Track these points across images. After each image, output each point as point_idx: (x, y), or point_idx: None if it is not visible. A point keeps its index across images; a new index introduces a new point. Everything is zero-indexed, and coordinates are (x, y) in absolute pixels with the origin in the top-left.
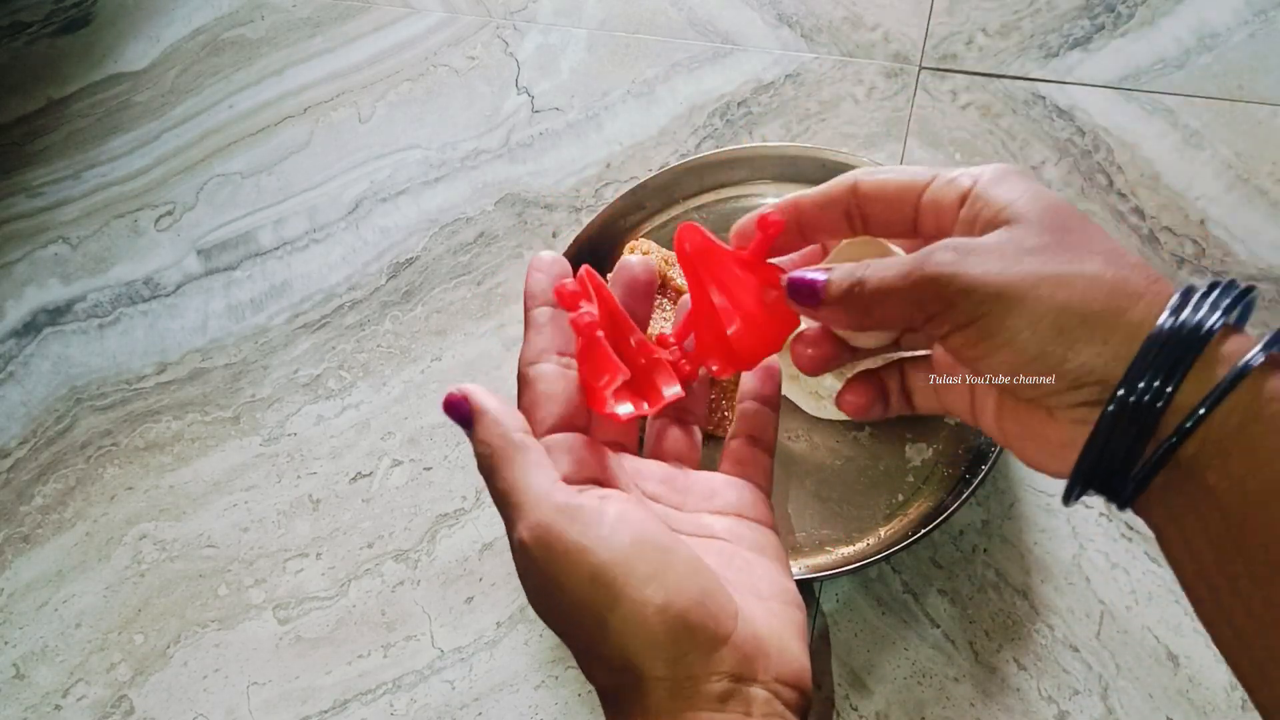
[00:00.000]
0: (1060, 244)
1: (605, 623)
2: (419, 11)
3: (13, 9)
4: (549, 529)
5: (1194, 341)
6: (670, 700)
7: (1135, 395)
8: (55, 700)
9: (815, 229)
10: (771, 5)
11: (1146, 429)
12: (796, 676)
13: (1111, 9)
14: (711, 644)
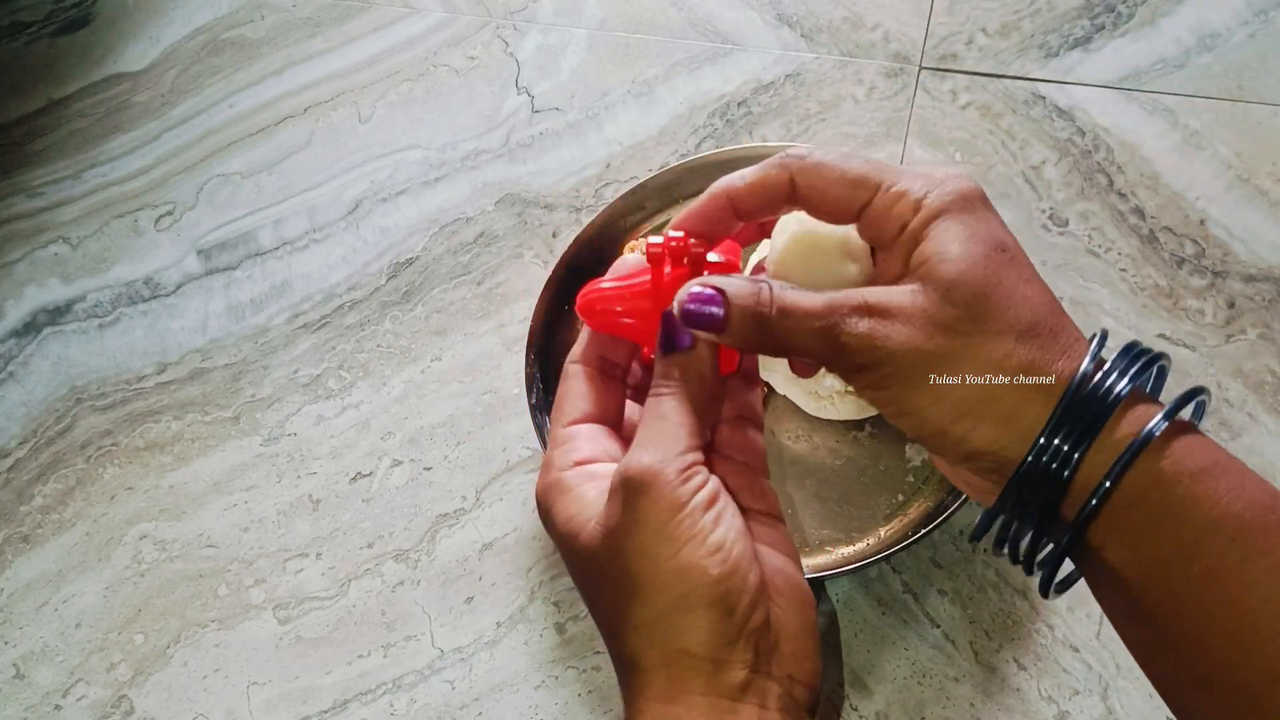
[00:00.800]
0: (974, 317)
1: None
2: (419, 11)
3: (13, 9)
4: (668, 480)
5: (1097, 417)
6: (689, 679)
7: (1036, 473)
8: (55, 700)
9: (751, 212)
10: (771, 5)
11: (1051, 508)
12: (808, 674)
13: (1111, 9)
14: (737, 624)
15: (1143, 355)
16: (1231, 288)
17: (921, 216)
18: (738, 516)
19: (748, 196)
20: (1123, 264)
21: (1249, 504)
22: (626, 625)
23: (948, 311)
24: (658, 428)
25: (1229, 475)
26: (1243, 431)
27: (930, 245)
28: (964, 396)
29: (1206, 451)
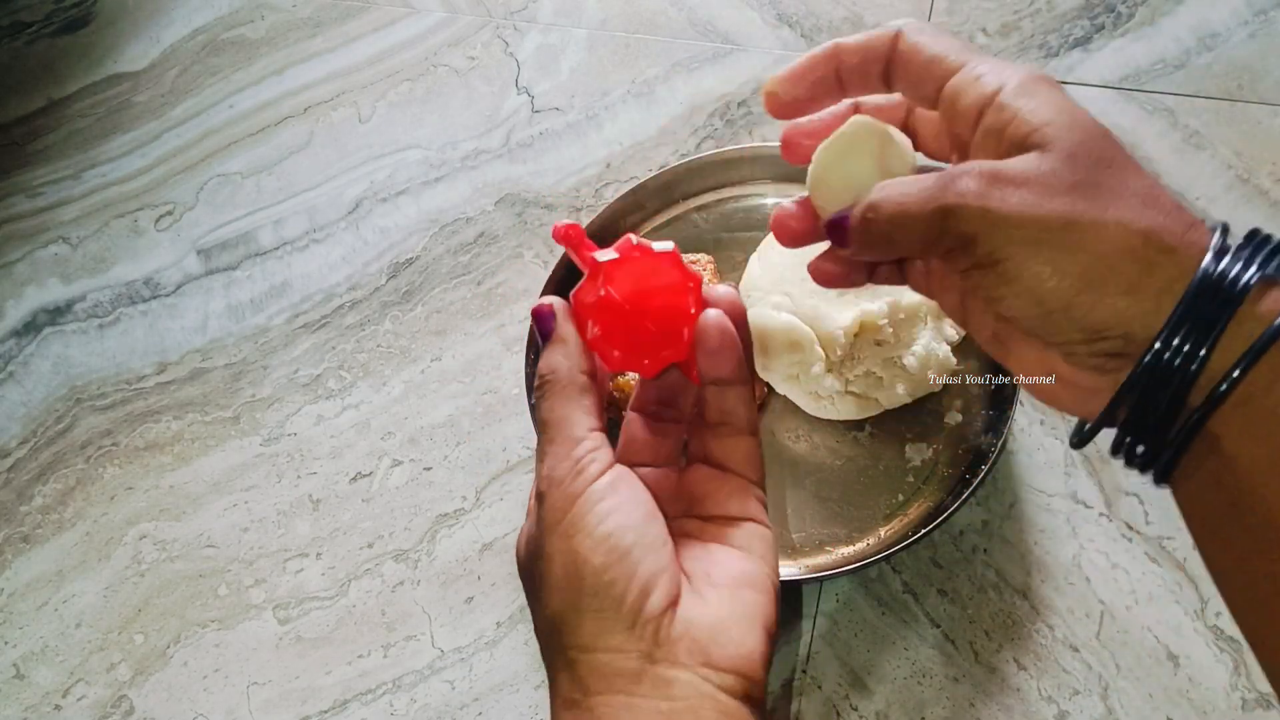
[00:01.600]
0: (1095, 182)
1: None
2: (419, 11)
3: (13, 9)
4: (562, 479)
5: (1228, 300)
6: (586, 677)
7: (1166, 357)
8: (55, 700)
9: (851, 80)
10: (771, 5)
11: (1179, 394)
12: (736, 662)
13: (1111, 9)
14: (629, 614)
15: (1272, 239)
16: None
17: (1009, 90)
18: (638, 506)
19: (853, 54)
20: None
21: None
22: (542, 632)
23: (1069, 174)
24: (549, 433)
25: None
26: None
27: (1034, 114)
28: (1091, 263)
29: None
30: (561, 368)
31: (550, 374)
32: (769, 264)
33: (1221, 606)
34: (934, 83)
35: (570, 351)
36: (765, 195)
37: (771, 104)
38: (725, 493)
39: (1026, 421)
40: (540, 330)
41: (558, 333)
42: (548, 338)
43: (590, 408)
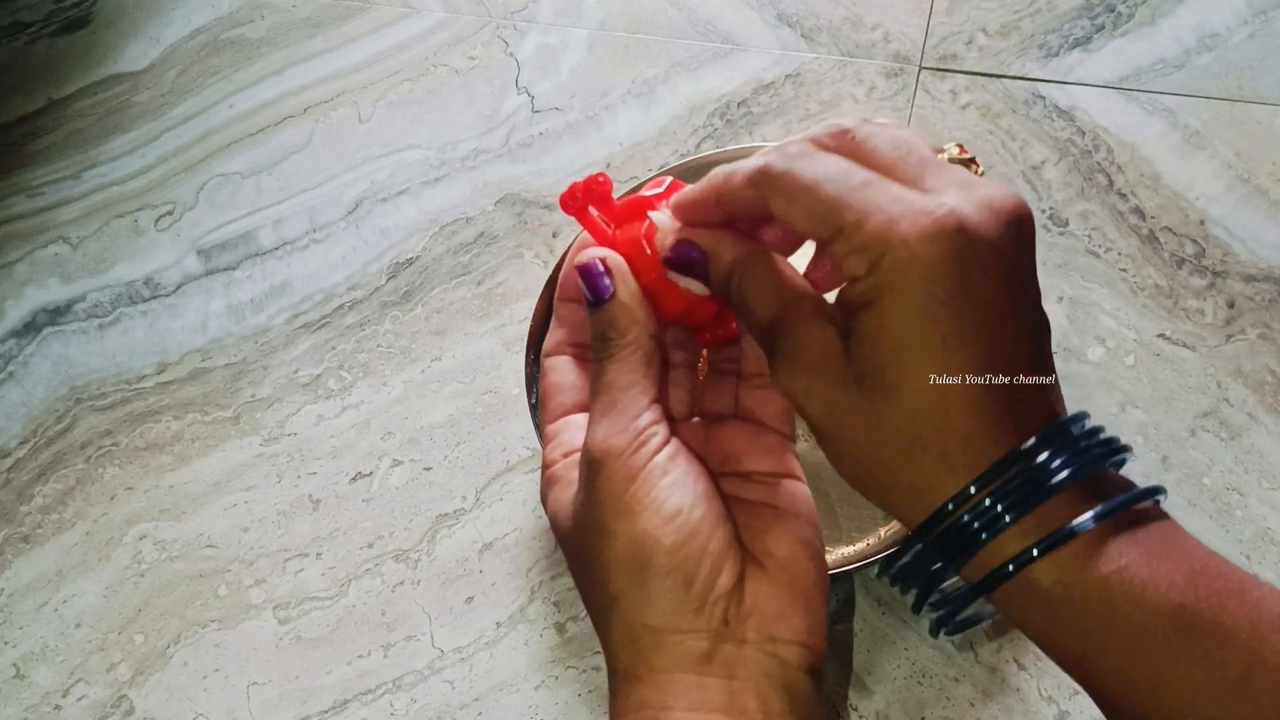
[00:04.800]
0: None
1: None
2: (419, 11)
3: (13, 9)
4: (621, 451)
5: (1027, 497)
6: (653, 655)
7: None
8: (55, 700)
9: (738, 220)
10: (771, 5)
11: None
12: (801, 635)
13: (1111, 9)
14: (699, 595)
15: (1092, 449)
16: (1231, 288)
17: (866, 285)
18: (700, 480)
19: (725, 207)
20: (1123, 264)
21: (1161, 611)
22: (597, 606)
23: (848, 398)
24: (606, 399)
25: (1141, 577)
26: (1243, 431)
27: (863, 321)
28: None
29: (1128, 550)
30: (632, 331)
31: (618, 335)
32: None
33: None
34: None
35: (640, 315)
36: None
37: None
38: (763, 448)
39: None
40: (592, 288)
41: (625, 294)
42: (601, 296)
43: (656, 377)
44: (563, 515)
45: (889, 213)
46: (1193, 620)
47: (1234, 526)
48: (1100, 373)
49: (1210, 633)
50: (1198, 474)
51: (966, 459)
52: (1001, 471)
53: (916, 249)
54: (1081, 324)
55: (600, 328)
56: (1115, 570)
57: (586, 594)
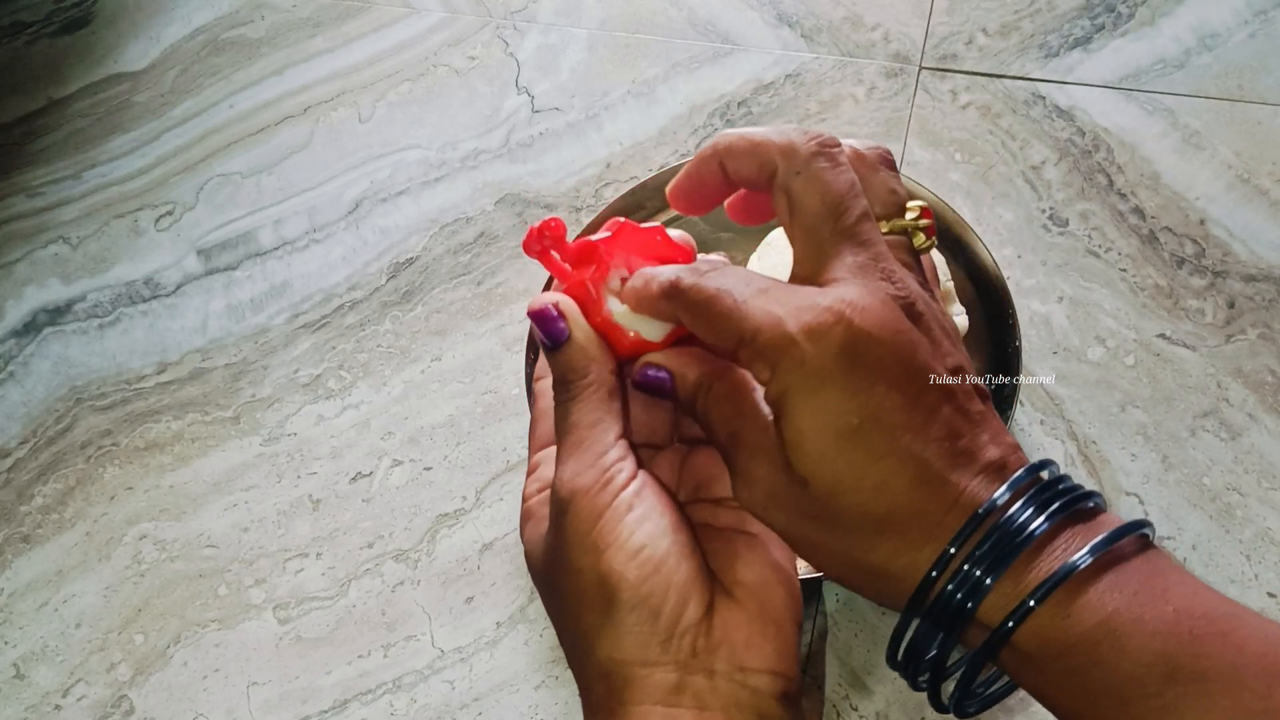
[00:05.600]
0: (829, 514)
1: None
2: (419, 11)
3: (13, 9)
4: (586, 489)
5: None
6: (623, 689)
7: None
8: (55, 700)
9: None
10: (771, 5)
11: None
12: (773, 662)
13: (1111, 9)
14: (666, 628)
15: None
16: (1231, 288)
17: (775, 392)
18: (667, 513)
19: (655, 314)
20: (1123, 264)
21: (1146, 662)
22: (569, 642)
23: (801, 504)
24: (572, 438)
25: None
26: (1243, 432)
27: (784, 428)
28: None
29: (1112, 598)
30: (590, 370)
31: (577, 375)
32: (768, 265)
33: None
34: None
35: (593, 353)
36: None
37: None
38: None
39: (1026, 421)
40: (547, 333)
41: (581, 335)
42: (558, 339)
43: (620, 413)
44: (535, 553)
45: (779, 316)
46: (1175, 671)
47: (1234, 526)
48: (1100, 373)
49: (1192, 681)
50: (1198, 474)
51: (924, 534)
52: (975, 528)
53: (806, 349)
54: (1081, 324)
55: (560, 370)
56: (1099, 622)
57: (559, 630)
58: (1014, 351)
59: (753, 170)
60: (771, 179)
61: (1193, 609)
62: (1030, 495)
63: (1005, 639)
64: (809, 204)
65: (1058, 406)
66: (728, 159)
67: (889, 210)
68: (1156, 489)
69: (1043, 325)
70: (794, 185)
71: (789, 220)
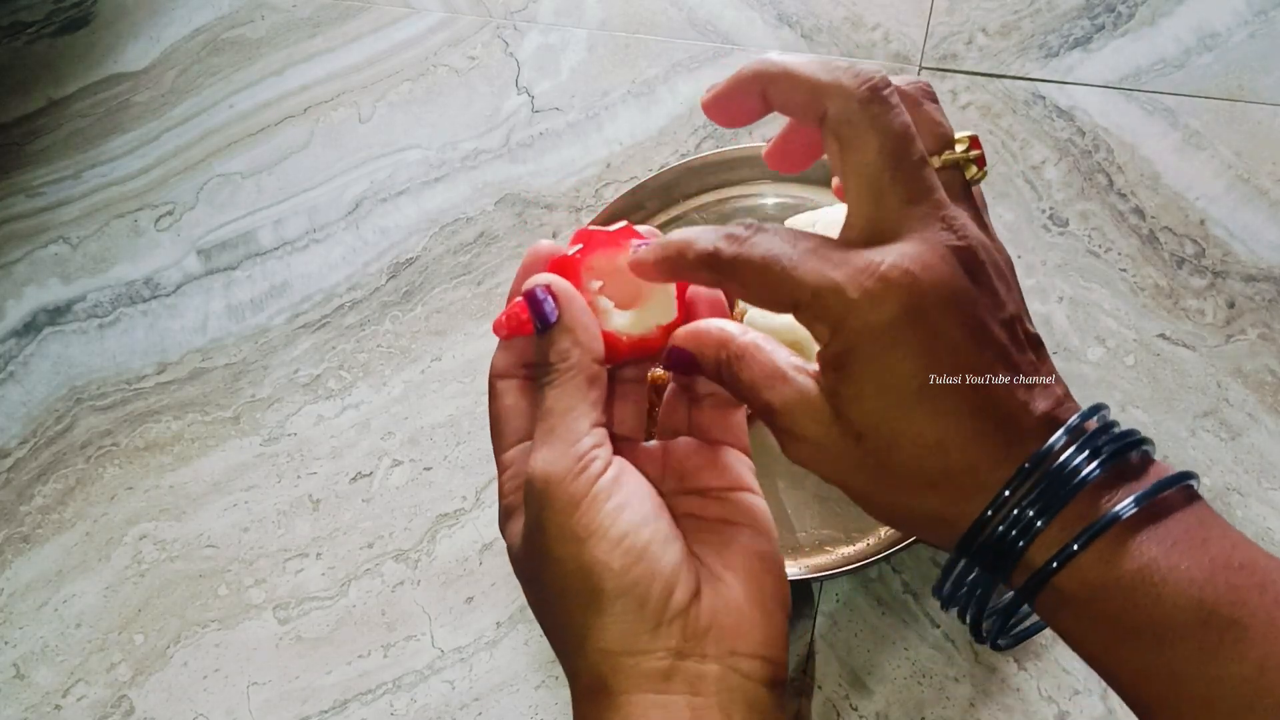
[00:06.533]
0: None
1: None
2: (419, 11)
3: (13, 9)
4: (561, 477)
5: (1056, 496)
6: (612, 677)
7: (993, 539)
8: (55, 700)
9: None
10: (771, 5)
11: (1004, 566)
12: (761, 647)
13: (1111, 9)
14: (654, 614)
15: (1120, 438)
16: (1231, 288)
17: (834, 351)
18: (647, 500)
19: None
20: (1123, 264)
21: (1180, 607)
22: (555, 634)
23: (854, 456)
24: (547, 424)
25: (1162, 574)
26: (1243, 431)
27: (843, 385)
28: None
29: (1151, 546)
30: (574, 355)
31: (561, 361)
32: None
33: None
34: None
35: (584, 339)
36: (765, 195)
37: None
38: (718, 464)
39: None
40: (536, 314)
41: (568, 317)
42: (547, 322)
43: (598, 401)
44: (516, 546)
45: (836, 281)
46: (1210, 616)
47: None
48: (1100, 373)
49: (1227, 628)
50: (1198, 474)
51: (976, 486)
52: (1028, 477)
53: (869, 315)
54: (1081, 324)
55: (544, 352)
56: (1137, 568)
57: (544, 622)
58: None
59: (798, 105)
60: (819, 118)
61: (1230, 560)
62: (1082, 441)
63: (1047, 579)
64: (865, 151)
65: None
66: (771, 88)
67: (939, 144)
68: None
69: (1043, 325)
70: (847, 131)
71: (842, 167)
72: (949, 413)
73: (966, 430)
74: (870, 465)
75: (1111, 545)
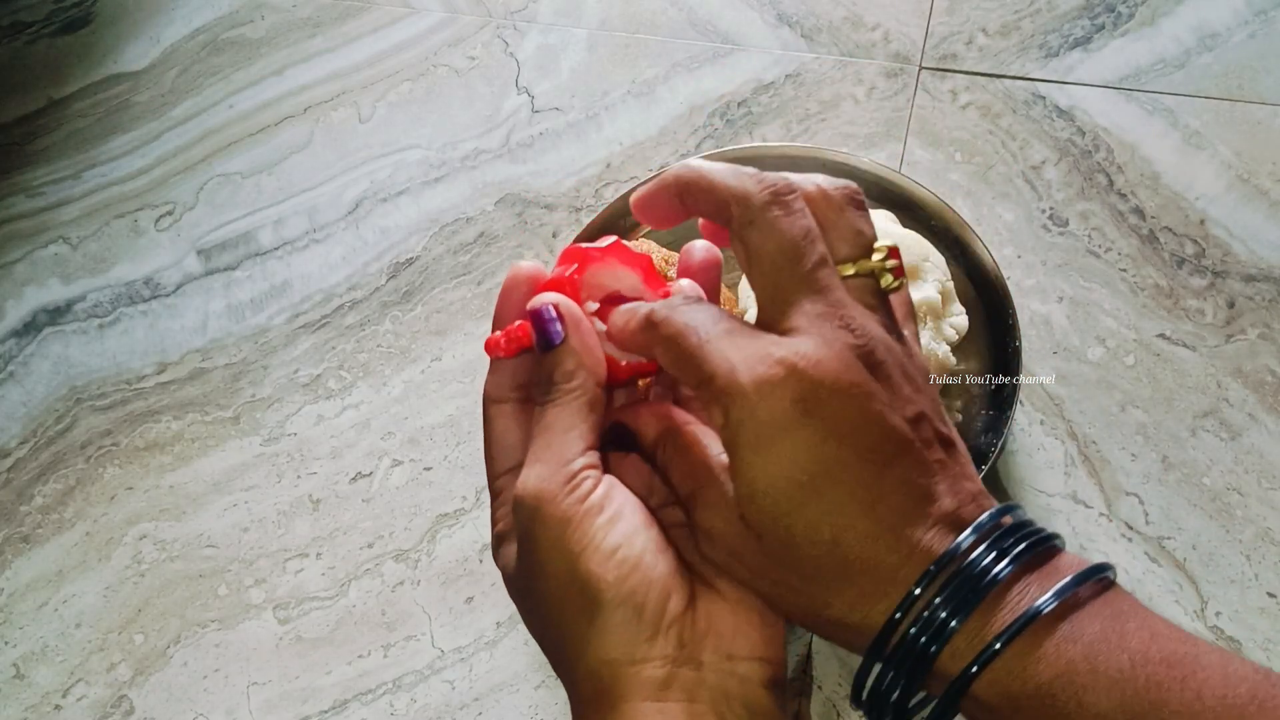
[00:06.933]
0: (786, 566)
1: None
2: (419, 11)
3: (13, 9)
4: (553, 495)
5: (969, 595)
6: (612, 687)
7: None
8: (55, 700)
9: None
10: (771, 5)
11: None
12: (759, 649)
13: (1111, 9)
14: (650, 624)
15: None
16: (1231, 288)
17: (725, 439)
18: (637, 511)
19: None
20: (1123, 264)
21: (1103, 712)
22: (553, 649)
23: (758, 558)
24: (543, 440)
25: (1083, 679)
26: (1243, 431)
27: (736, 478)
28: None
29: (1069, 648)
30: (578, 378)
31: (564, 379)
32: None
33: (1222, 606)
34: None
35: (589, 362)
36: None
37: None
38: None
39: (1026, 421)
40: (542, 333)
41: (575, 340)
42: (552, 342)
43: (596, 425)
44: (510, 569)
45: (733, 364)
46: (1133, 718)
47: (1234, 526)
48: (1100, 373)
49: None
50: (1198, 474)
51: (880, 588)
52: (936, 576)
53: (755, 401)
54: (1081, 324)
55: (547, 371)
56: (1057, 674)
57: (542, 638)
58: (1014, 351)
59: (709, 210)
60: (728, 222)
61: (1149, 654)
62: (993, 540)
63: (970, 683)
64: (765, 253)
65: (1058, 406)
66: (685, 195)
67: (855, 252)
68: (1156, 489)
69: (1043, 325)
70: (749, 235)
71: (747, 269)
72: (841, 508)
73: (862, 528)
74: (773, 567)
75: (1030, 646)
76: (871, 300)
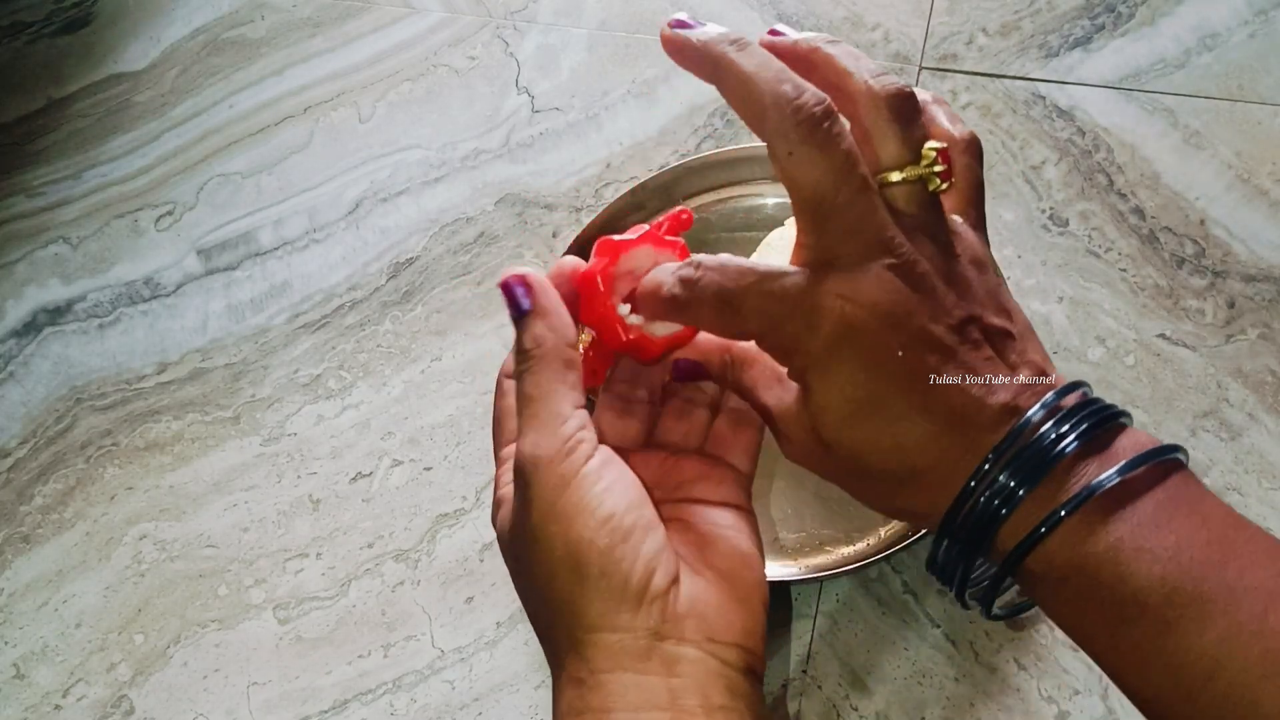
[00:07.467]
0: (854, 472)
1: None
2: (419, 11)
3: (13, 9)
4: (550, 459)
5: (1037, 467)
6: (593, 656)
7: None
8: (55, 700)
9: None
10: (771, 5)
11: (977, 550)
12: (739, 636)
13: (1111, 9)
14: (635, 593)
15: (1093, 413)
16: (1231, 288)
17: (793, 374)
18: (632, 487)
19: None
20: (1123, 264)
21: (1146, 585)
22: (538, 612)
23: (831, 462)
24: (530, 410)
25: (1130, 552)
26: (1243, 431)
27: (807, 404)
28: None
29: (1122, 524)
30: (548, 340)
31: (535, 346)
32: None
33: None
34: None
35: (556, 324)
36: (765, 195)
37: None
38: (715, 479)
39: None
40: (511, 304)
41: (540, 304)
42: (521, 311)
43: (576, 383)
44: (504, 530)
45: (778, 314)
46: (1173, 594)
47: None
48: (1100, 373)
49: (1189, 604)
50: (1198, 474)
51: (943, 481)
52: (1005, 451)
53: (810, 343)
54: (1081, 324)
55: (520, 340)
56: (1105, 549)
57: (527, 602)
58: None
59: (739, 106)
60: (763, 126)
61: (1196, 537)
62: (1060, 417)
63: (1036, 543)
64: (804, 184)
65: None
66: (719, 79)
67: (901, 158)
68: None
69: (1043, 325)
70: (787, 164)
71: (789, 191)
72: (898, 419)
73: (920, 432)
74: (845, 470)
75: (1084, 521)
76: (916, 208)
